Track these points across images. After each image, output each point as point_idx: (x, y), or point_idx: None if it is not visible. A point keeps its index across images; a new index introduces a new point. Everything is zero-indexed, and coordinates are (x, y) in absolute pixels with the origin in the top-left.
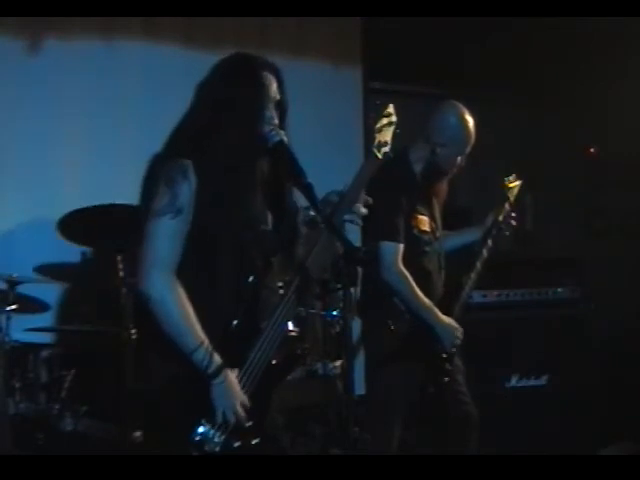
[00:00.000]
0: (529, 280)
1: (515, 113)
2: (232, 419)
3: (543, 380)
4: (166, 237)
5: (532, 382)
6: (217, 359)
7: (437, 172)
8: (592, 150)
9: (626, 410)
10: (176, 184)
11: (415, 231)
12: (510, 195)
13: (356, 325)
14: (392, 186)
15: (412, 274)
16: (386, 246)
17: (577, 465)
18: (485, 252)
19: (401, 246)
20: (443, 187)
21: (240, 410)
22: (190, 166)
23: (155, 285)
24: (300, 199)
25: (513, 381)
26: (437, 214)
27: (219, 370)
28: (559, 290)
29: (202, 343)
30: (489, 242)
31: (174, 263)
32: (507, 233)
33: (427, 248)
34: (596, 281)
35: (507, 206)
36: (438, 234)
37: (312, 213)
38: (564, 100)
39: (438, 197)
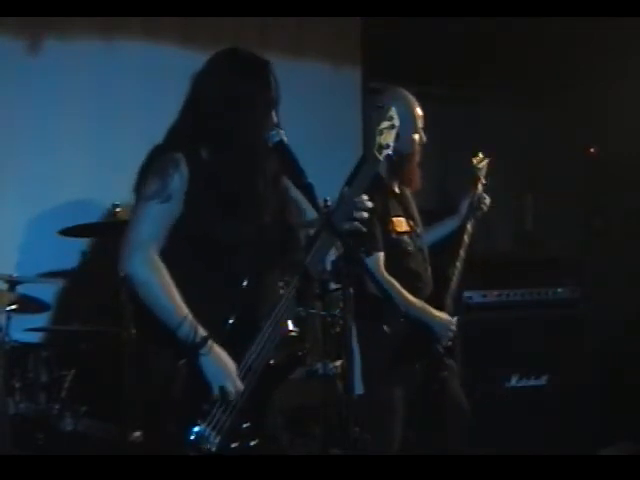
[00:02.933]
0: (529, 280)
1: (515, 113)
2: (231, 390)
3: (543, 380)
4: (151, 220)
5: (532, 382)
6: (202, 331)
7: (401, 159)
8: (592, 150)
9: (626, 410)
10: (167, 174)
11: (393, 235)
12: (480, 175)
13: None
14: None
15: (399, 276)
16: (367, 259)
17: (577, 465)
18: (467, 238)
19: (381, 254)
20: (413, 176)
21: (237, 380)
22: (182, 159)
23: (136, 265)
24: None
25: (513, 381)
26: (413, 209)
27: (204, 340)
28: (559, 290)
29: (186, 317)
30: (469, 227)
31: (157, 246)
32: (484, 209)
33: (409, 248)
34: (596, 281)
35: (479, 186)
36: (418, 230)
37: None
38: (564, 100)
39: (410, 187)
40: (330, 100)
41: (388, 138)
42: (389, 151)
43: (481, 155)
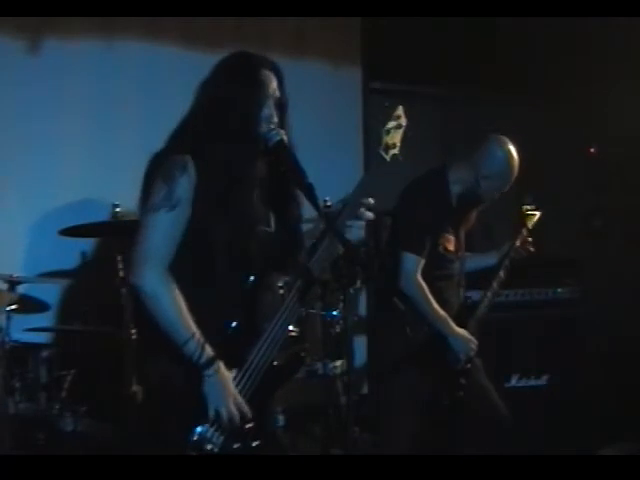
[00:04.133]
0: (529, 280)
1: (515, 113)
2: (225, 416)
3: (543, 380)
4: (160, 231)
5: (532, 382)
6: (209, 351)
7: (474, 201)
8: (592, 150)
9: (626, 410)
10: (173, 179)
11: (440, 249)
12: (528, 222)
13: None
14: (427, 202)
15: (431, 289)
16: (408, 257)
17: (577, 465)
18: (502, 274)
19: (422, 261)
20: (473, 215)
21: (233, 407)
22: (190, 161)
23: (147, 279)
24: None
25: (513, 381)
26: (462, 236)
27: (211, 361)
28: (559, 290)
29: (193, 335)
30: (506, 264)
31: (168, 257)
32: (524, 254)
33: (449, 266)
34: (596, 281)
35: (524, 232)
36: (460, 254)
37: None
38: (564, 100)
39: (466, 223)
40: (330, 100)
41: (395, 138)
42: (396, 151)
43: (534, 206)
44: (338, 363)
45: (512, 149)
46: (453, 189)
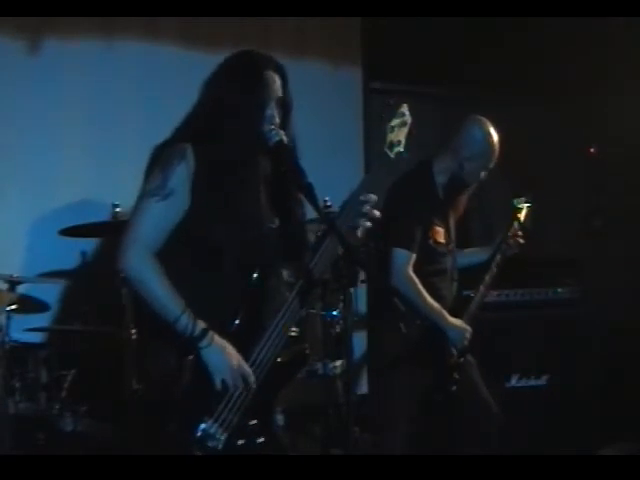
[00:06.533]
0: (529, 280)
1: (515, 113)
2: (232, 383)
3: (543, 380)
4: (150, 218)
5: (532, 382)
6: (201, 323)
7: (461, 185)
8: (592, 150)
9: (626, 410)
10: (170, 167)
11: (431, 241)
12: (519, 216)
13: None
14: (414, 196)
15: (424, 283)
16: (398, 252)
17: (577, 465)
18: (494, 267)
19: (413, 255)
20: (462, 201)
21: (240, 369)
22: (189, 149)
23: (131, 262)
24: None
25: (513, 381)
26: (452, 227)
27: (204, 332)
28: (559, 290)
29: (184, 310)
30: (498, 258)
31: (155, 244)
32: (515, 251)
33: (440, 259)
34: (596, 281)
35: (515, 225)
36: (451, 246)
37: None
38: (564, 100)
39: (456, 211)
40: (330, 100)
41: (400, 135)
42: (401, 148)
43: (524, 199)
44: (338, 363)
45: (490, 128)
46: (438, 179)
